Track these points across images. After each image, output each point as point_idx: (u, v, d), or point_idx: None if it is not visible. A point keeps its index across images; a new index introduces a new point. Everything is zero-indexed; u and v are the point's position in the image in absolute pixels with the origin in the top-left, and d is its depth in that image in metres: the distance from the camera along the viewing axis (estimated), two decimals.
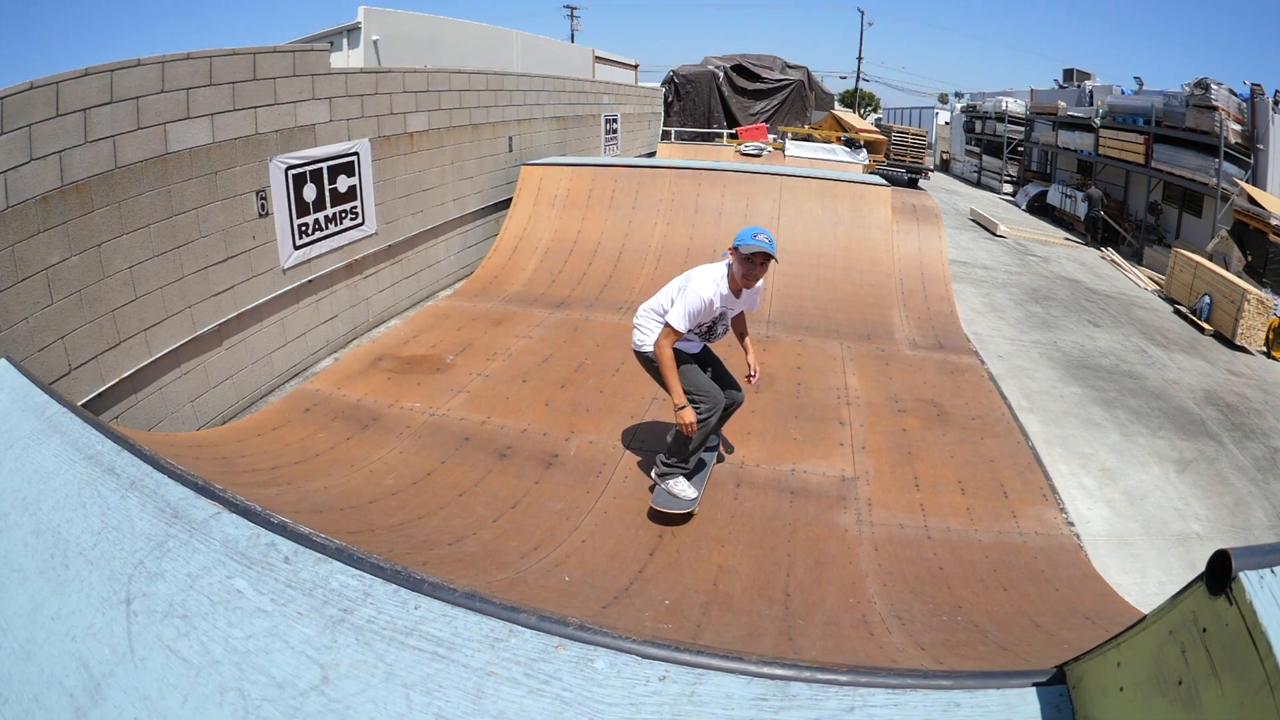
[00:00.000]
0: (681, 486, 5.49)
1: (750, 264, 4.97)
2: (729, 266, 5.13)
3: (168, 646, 1.76)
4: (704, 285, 5.02)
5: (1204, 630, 1.22)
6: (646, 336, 5.35)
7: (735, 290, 5.16)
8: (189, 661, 1.72)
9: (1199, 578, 1.26)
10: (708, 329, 5.38)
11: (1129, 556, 6.40)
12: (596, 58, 28.54)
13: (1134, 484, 7.73)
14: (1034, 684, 1.58)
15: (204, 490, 2.23)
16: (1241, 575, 1.17)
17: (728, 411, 5.77)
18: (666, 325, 5.04)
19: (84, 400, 6.30)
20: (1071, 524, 5.96)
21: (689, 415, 5.06)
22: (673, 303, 5.18)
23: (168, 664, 1.72)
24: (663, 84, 30.92)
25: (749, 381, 5.71)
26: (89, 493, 2.30)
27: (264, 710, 1.59)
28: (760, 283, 5.30)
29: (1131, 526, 6.90)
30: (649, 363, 5.42)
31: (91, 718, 1.63)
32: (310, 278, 9.23)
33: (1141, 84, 27.54)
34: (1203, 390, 10.98)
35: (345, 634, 1.74)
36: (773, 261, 5.12)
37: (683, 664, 1.62)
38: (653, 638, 1.71)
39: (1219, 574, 1.21)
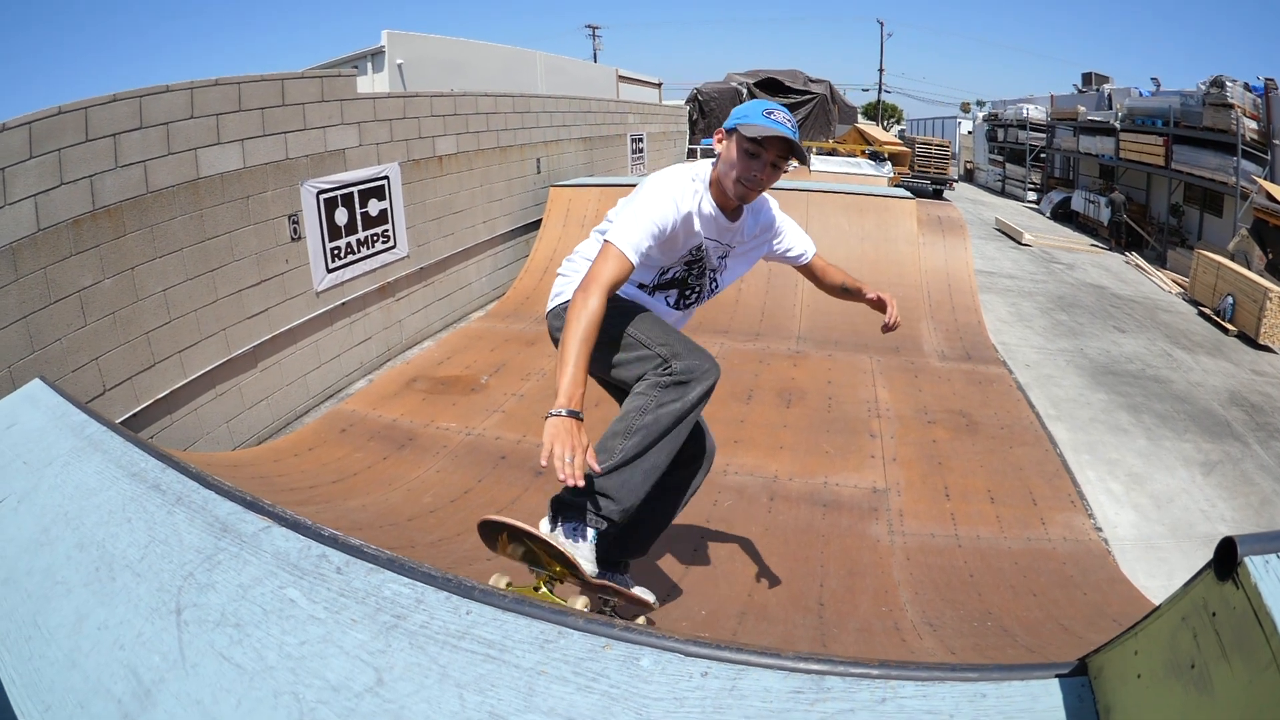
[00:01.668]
0: (584, 551, 2.78)
1: (753, 159, 2.83)
2: (715, 166, 3.00)
3: (220, 654, 1.77)
4: (673, 181, 2.91)
5: (1213, 614, 1.27)
6: (569, 285, 3.09)
7: (726, 207, 3.03)
8: (242, 667, 1.73)
9: (1208, 565, 1.32)
10: (682, 282, 3.21)
11: (1156, 560, 6.40)
12: (620, 77, 28.65)
13: (1161, 488, 7.72)
14: (1057, 675, 1.62)
15: (253, 505, 2.21)
16: (1247, 560, 1.22)
17: (691, 463, 3.32)
18: (605, 244, 2.75)
19: (119, 420, 6.37)
20: (1099, 529, 6.00)
21: (570, 433, 2.37)
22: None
23: (221, 670, 1.73)
24: (686, 102, 30.94)
25: (885, 329, 3.54)
26: (134, 508, 2.28)
27: (319, 712, 1.61)
28: (777, 214, 3.35)
29: (1159, 530, 6.90)
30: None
31: None
32: (343, 300, 9.36)
33: (1159, 85, 27.39)
34: (1227, 392, 10.93)
35: (399, 639, 1.76)
36: (794, 166, 3.01)
37: (724, 660, 1.67)
38: (694, 637, 1.79)
39: (1226, 560, 1.27)
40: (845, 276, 3.63)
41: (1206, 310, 15.73)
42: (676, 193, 2.88)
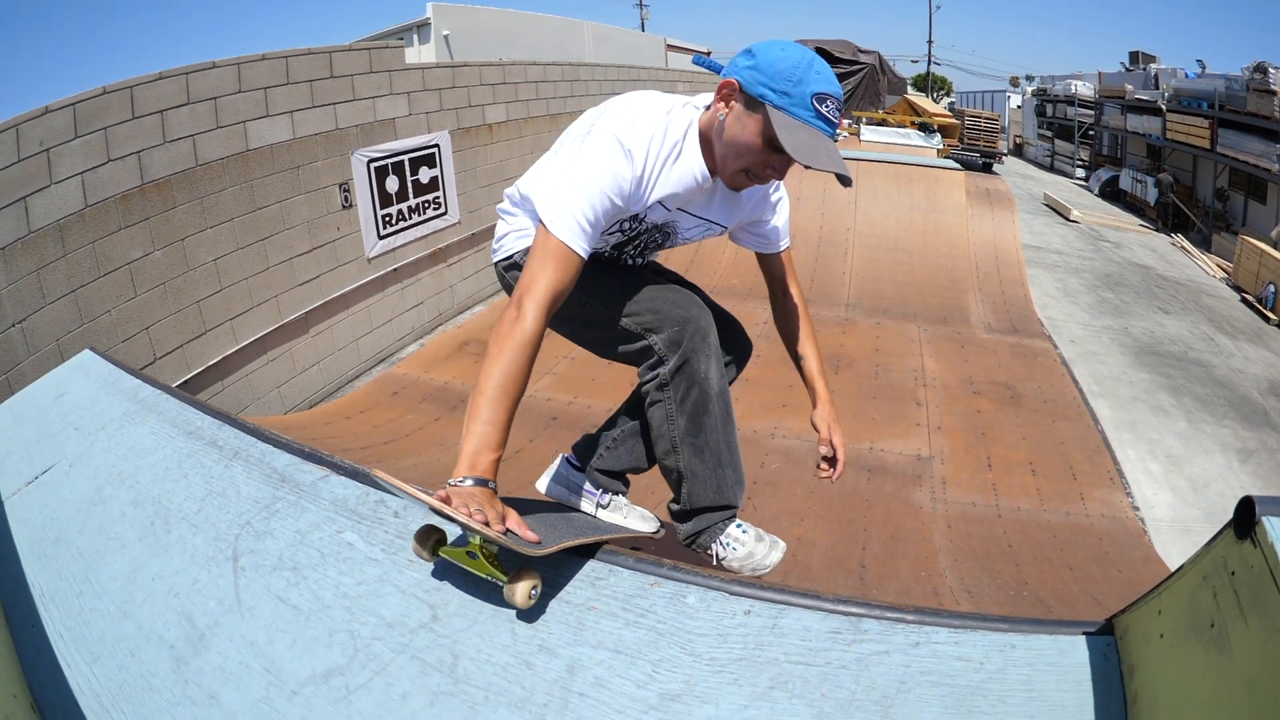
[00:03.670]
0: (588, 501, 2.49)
1: (779, 154, 1.81)
2: (720, 124, 1.88)
3: (277, 596, 1.80)
4: (644, 125, 1.88)
5: (1233, 573, 1.29)
6: (506, 236, 2.28)
7: (721, 174, 1.98)
8: (298, 608, 1.77)
9: (1228, 524, 1.34)
10: (633, 241, 2.23)
11: (1190, 543, 6.39)
12: (668, 46, 28.41)
13: (1198, 471, 7.70)
14: (1084, 633, 1.66)
15: (311, 456, 2.24)
16: (1264, 519, 1.25)
17: (736, 353, 2.52)
18: (542, 234, 1.80)
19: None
20: (1137, 508, 6.02)
21: (487, 501, 1.71)
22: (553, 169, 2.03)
23: (277, 611, 1.77)
24: None
25: (821, 470, 2.60)
26: (190, 464, 2.26)
27: (374, 648, 1.67)
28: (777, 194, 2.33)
29: (1194, 514, 6.89)
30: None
31: (193, 665, 1.66)
32: (395, 266, 9.48)
33: (1204, 67, 26.70)
34: (1267, 380, 10.80)
35: (454, 576, 1.82)
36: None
37: (766, 600, 1.76)
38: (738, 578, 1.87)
39: (1245, 519, 1.31)
40: (812, 342, 2.61)
41: (1249, 297, 15.52)
42: (652, 145, 1.89)
